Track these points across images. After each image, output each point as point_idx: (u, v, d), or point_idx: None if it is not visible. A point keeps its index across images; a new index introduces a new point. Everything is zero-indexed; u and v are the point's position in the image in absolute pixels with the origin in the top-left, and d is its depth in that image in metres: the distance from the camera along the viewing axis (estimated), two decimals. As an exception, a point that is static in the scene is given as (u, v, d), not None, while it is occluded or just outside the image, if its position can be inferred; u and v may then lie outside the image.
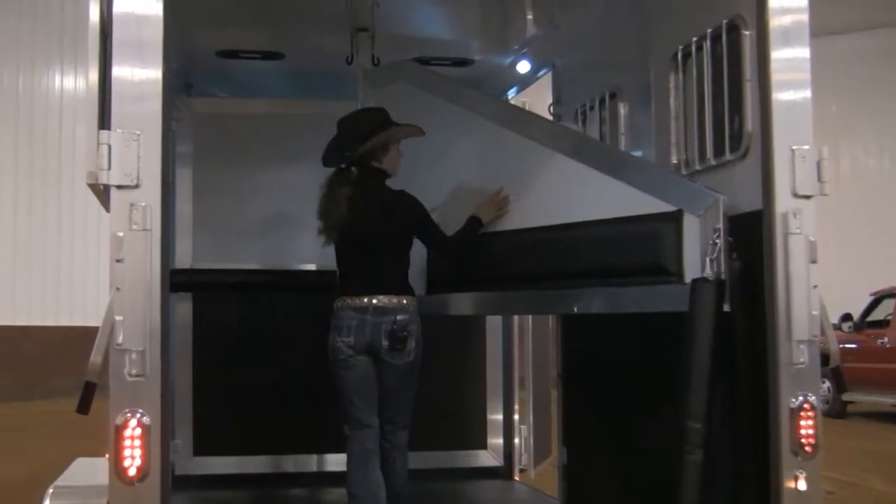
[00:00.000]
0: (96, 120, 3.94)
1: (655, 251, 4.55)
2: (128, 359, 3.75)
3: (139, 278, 3.77)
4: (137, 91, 3.87)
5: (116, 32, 3.89)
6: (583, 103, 6.51)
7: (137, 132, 3.83)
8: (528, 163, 5.46)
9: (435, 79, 6.42)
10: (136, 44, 3.89)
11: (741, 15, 4.51)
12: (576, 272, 5.05)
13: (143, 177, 3.82)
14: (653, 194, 4.63)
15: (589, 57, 6.57)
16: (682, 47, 5.05)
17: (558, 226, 5.15)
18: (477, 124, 5.86)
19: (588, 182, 5.01)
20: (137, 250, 3.78)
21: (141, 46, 3.89)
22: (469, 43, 7.28)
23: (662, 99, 5.27)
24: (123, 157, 3.81)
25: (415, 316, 5.52)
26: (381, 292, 5.51)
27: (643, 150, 5.74)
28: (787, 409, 4.06)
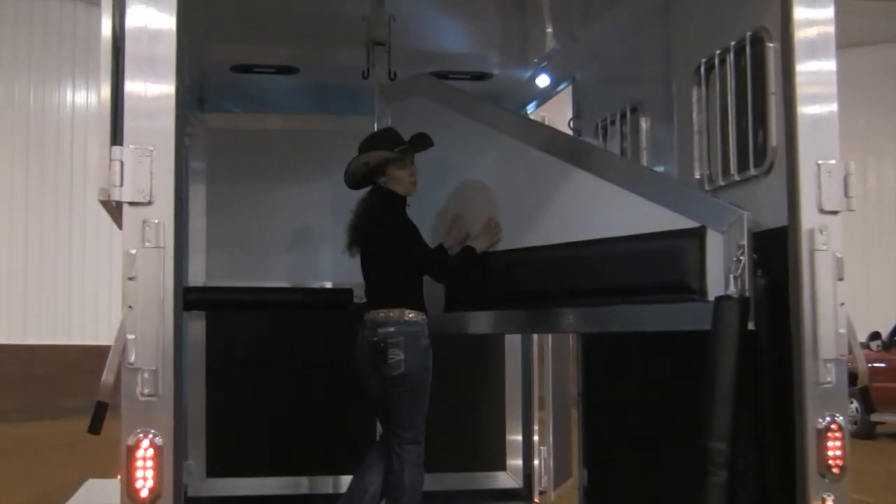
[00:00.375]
0: (108, 135, 3.95)
1: (678, 268, 4.54)
2: (140, 378, 3.75)
3: (152, 296, 3.78)
4: (150, 106, 3.89)
5: (129, 47, 3.91)
6: (603, 118, 6.52)
7: (150, 148, 3.85)
8: (548, 179, 5.45)
9: (452, 93, 6.42)
10: (149, 58, 3.91)
11: (765, 27, 4.50)
12: (597, 290, 5.04)
13: (156, 193, 3.83)
14: (675, 210, 4.62)
15: (610, 70, 6.57)
16: (705, 60, 5.05)
17: (579, 243, 5.14)
18: (495, 139, 5.85)
19: (609, 198, 5.00)
20: (150, 268, 3.79)
21: (154, 61, 3.91)
22: (487, 57, 7.29)
23: (685, 113, 5.27)
24: (136, 173, 3.82)
25: (403, 327, 5.65)
26: (374, 307, 5.76)
27: (665, 165, 5.74)
28: (814, 429, 4.05)
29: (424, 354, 5.68)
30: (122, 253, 3.81)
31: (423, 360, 5.66)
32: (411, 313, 5.69)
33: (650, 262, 4.70)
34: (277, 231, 7.80)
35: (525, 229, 5.58)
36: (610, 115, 6.40)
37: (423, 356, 5.67)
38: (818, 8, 4.23)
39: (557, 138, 5.73)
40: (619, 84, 6.40)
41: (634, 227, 4.81)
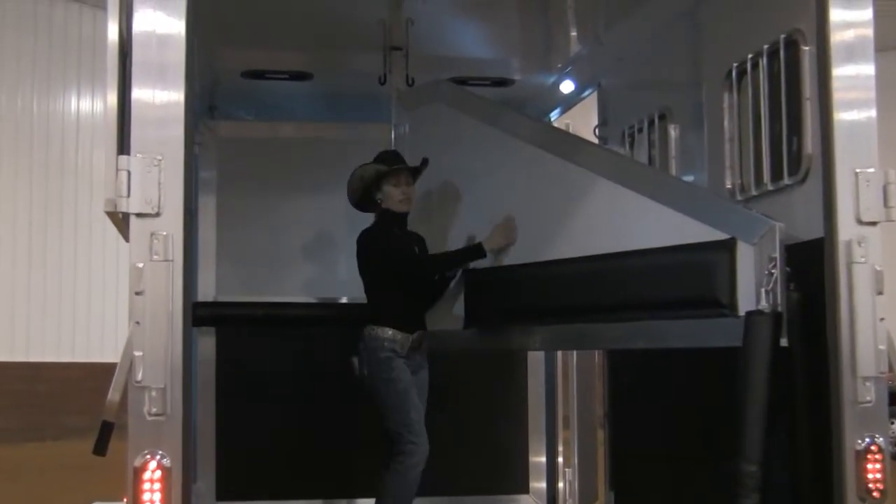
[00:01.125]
0: (115, 144, 3.98)
1: (707, 282, 4.53)
2: (147, 397, 3.77)
3: (160, 311, 3.80)
4: (159, 114, 3.91)
5: (137, 52, 3.94)
6: (630, 125, 6.52)
7: (158, 157, 3.87)
8: (573, 189, 5.45)
9: (473, 100, 6.44)
10: (158, 64, 3.94)
11: (800, 29, 4.51)
12: (623, 304, 5.03)
13: (165, 204, 3.86)
14: (705, 222, 4.61)
15: (637, 76, 6.58)
16: (736, 64, 5.05)
17: (605, 255, 5.13)
18: (518, 148, 5.86)
19: (636, 209, 5.00)
20: (158, 282, 3.81)
21: (162, 67, 3.94)
22: (509, 62, 7.31)
23: (716, 120, 5.27)
24: (144, 183, 3.85)
25: (366, 343, 6.08)
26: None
27: (695, 174, 5.75)
28: (853, 451, 4.03)
29: (385, 365, 6.01)
30: (129, 266, 3.83)
31: (384, 370, 6.00)
32: (376, 329, 6.06)
33: (679, 276, 4.69)
34: (290, 244, 7.81)
35: (549, 241, 5.57)
36: (637, 122, 6.41)
37: (379, 367, 6.01)
38: (855, 9, 4.21)
39: (582, 147, 5.74)
40: (647, 90, 6.40)
41: (662, 238, 4.80)
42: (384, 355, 6.02)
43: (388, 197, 6.15)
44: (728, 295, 4.43)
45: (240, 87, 7.48)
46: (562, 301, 5.45)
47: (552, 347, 7.34)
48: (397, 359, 6.02)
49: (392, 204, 6.14)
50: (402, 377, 6.00)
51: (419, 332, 6.11)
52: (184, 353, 3.83)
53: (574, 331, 5.44)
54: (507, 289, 5.79)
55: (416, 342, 6.08)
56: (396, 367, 6.01)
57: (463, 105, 6.36)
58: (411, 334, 6.07)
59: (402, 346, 6.04)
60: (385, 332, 6.04)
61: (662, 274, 4.77)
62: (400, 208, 6.15)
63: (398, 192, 6.13)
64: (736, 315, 4.37)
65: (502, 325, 5.92)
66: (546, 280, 5.54)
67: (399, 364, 6.02)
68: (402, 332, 6.06)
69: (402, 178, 6.12)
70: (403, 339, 6.05)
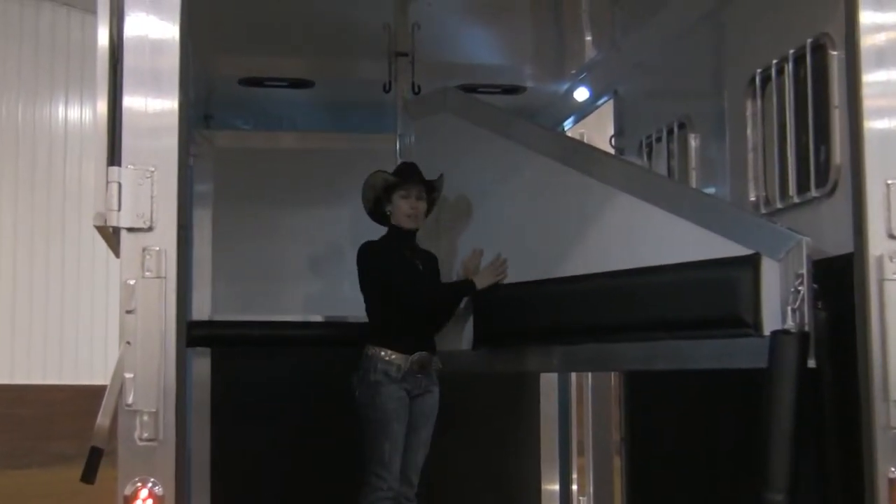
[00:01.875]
0: (105, 155, 3.97)
1: (731, 300, 4.52)
2: (139, 421, 3.77)
3: (152, 331, 3.80)
4: (151, 123, 3.91)
5: (128, 58, 3.93)
6: (648, 134, 6.53)
7: (151, 169, 3.87)
8: (587, 202, 5.47)
9: (482, 109, 6.44)
10: (151, 71, 3.94)
11: (828, 33, 4.50)
12: (641, 324, 5.03)
13: (157, 218, 3.85)
14: (727, 236, 4.61)
15: (655, 82, 6.59)
16: (760, 70, 5.05)
17: (622, 272, 5.14)
18: (530, 159, 5.87)
19: (655, 223, 5.00)
20: (150, 300, 3.81)
21: (156, 74, 3.94)
22: (520, 68, 7.31)
23: (738, 129, 5.27)
24: (135, 196, 3.84)
25: (361, 362, 6.07)
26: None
27: (717, 186, 5.75)
28: (885, 479, 4.00)
29: (371, 390, 5.99)
30: (120, 284, 3.82)
31: (369, 395, 6.00)
32: (372, 349, 6.05)
33: (700, 294, 4.69)
34: (290, 260, 7.81)
35: (563, 257, 5.58)
36: (655, 131, 6.41)
37: (370, 391, 6.00)
38: (887, 11, 4.17)
39: (598, 158, 5.74)
40: (666, 97, 6.41)
41: (683, 254, 4.81)
42: (374, 378, 5.99)
43: (396, 210, 6.12)
44: (752, 314, 4.42)
45: (237, 94, 7.49)
46: (577, 320, 5.45)
47: (566, 369, 7.34)
48: (388, 384, 5.98)
49: (400, 218, 6.11)
50: (387, 405, 5.97)
51: (421, 354, 6.03)
52: (177, 375, 3.82)
53: (589, 352, 5.44)
54: (519, 307, 5.79)
55: (416, 364, 6.02)
56: (383, 393, 5.98)
57: (472, 114, 6.37)
58: (410, 355, 6.01)
59: (399, 368, 5.98)
60: (380, 352, 6.01)
61: (683, 291, 4.77)
62: (407, 224, 6.11)
63: (406, 205, 6.09)
64: (760, 335, 4.36)
65: (513, 346, 5.94)
66: (560, 298, 5.55)
67: (388, 391, 5.98)
68: (400, 353, 6.00)
69: (414, 191, 6.09)
70: (401, 360, 5.99)
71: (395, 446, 5.95)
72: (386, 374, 5.98)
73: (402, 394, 5.99)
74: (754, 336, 4.39)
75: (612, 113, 7.16)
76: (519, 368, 6.30)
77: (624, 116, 7.02)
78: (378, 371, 5.98)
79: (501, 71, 7.26)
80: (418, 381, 6.05)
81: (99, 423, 3.81)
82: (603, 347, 5.33)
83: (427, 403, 6.13)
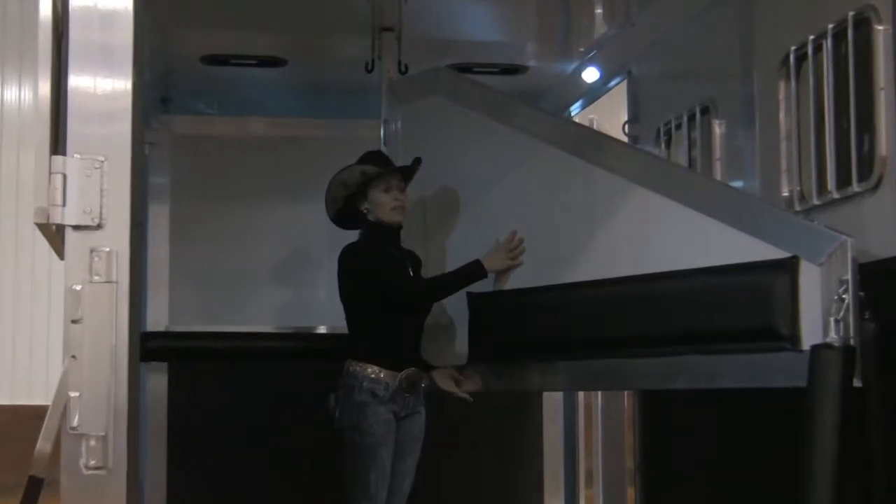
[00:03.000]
0: (48, 143, 3.94)
1: (763, 309, 4.48)
2: (85, 447, 3.73)
3: (101, 344, 3.76)
4: (101, 107, 3.87)
5: (75, 33, 3.90)
6: (667, 121, 6.53)
7: (101, 158, 3.83)
8: (598, 198, 5.44)
9: (479, 91, 6.41)
10: (101, 47, 3.90)
11: (872, 5, 4.48)
12: (660, 336, 4.99)
13: (108, 215, 3.82)
14: (759, 236, 4.56)
15: (675, 62, 6.58)
16: (795, 48, 5.04)
17: (637, 277, 5.10)
18: (532, 149, 5.84)
19: (675, 221, 4.97)
20: (99, 308, 3.77)
21: (106, 50, 3.90)
22: (521, 45, 7.31)
23: (770, 114, 5.26)
24: (82, 189, 3.81)
25: (344, 380, 6.00)
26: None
27: (745, 180, 5.75)
28: (938, 512, 4.00)
29: (356, 412, 5.92)
30: (65, 290, 3.80)
31: (353, 418, 5.93)
32: (356, 365, 5.98)
33: (728, 302, 4.65)
34: (259, 263, 7.81)
35: (571, 260, 5.55)
36: (675, 117, 6.42)
37: (354, 413, 5.93)
38: (940, -21, 4.20)
39: (610, 147, 5.70)
40: (687, 79, 6.41)
41: (708, 257, 4.76)
42: (360, 399, 5.93)
43: (377, 206, 6.06)
44: (789, 325, 4.38)
45: (199, 74, 7.49)
46: (585, 332, 5.42)
47: (574, 388, 7.35)
48: (376, 405, 5.93)
49: (383, 214, 6.06)
50: (375, 430, 5.92)
51: (410, 371, 5.99)
52: (129, 394, 3.79)
53: (600, 368, 5.41)
54: (519, 317, 5.77)
55: (405, 382, 5.97)
56: (371, 415, 5.93)
57: (466, 97, 6.33)
58: (399, 372, 5.97)
59: (387, 387, 5.94)
60: (366, 369, 5.95)
61: (708, 300, 4.73)
62: (392, 218, 6.07)
63: (389, 198, 6.04)
64: (799, 349, 4.31)
65: (513, 361, 5.90)
66: (567, 306, 5.52)
67: (376, 412, 5.94)
68: (388, 369, 5.96)
69: (394, 182, 6.05)
70: (389, 378, 5.95)
71: (383, 476, 5.91)
72: (373, 394, 5.93)
73: (389, 416, 5.95)
74: (791, 350, 4.34)
75: (626, 96, 7.17)
76: (519, 386, 6.26)
77: (639, 100, 7.03)
78: (364, 390, 5.93)
79: (500, 48, 7.25)
80: (406, 402, 6.02)
81: (39, 449, 3.77)
82: (615, 363, 5.29)
83: (415, 426, 6.10)
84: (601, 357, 5.36)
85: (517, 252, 5.83)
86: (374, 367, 5.94)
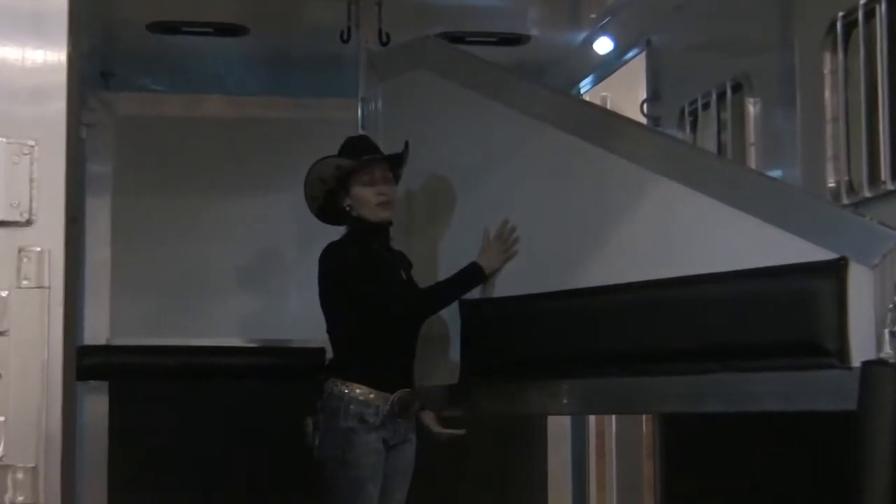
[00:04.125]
0: (-33, 125, 3.93)
1: (806, 320, 4.47)
2: (12, 479, 3.71)
3: (31, 359, 3.75)
4: (31, 82, 3.86)
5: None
6: (692, 100, 6.55)
7: (30, 143, 3.82)
8: (611, 189, 5.44)
9: (472, 65, 6.40)
10: (30, 13, 3.89)
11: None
12: (684, 351, 4.99)
13: (39, 209, 3.80)
14: (800, 234, 4.55)
15: (702, 30, 6.59)
16: (843, 14, 5.04)
17: (657, 282, 5.10)
18: (535, 132, 5.84)
19: (702, 218, 4.97)
20: (29, 318, 3.76)
21: (37, 16, 3.89)
22: (522, 12, 7.32)
23: (813, 92, 5.27)
24: (9, 179, 3.79)
25: (325, 402, 5.96)
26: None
27: (784, 168, 5.76)
28: None
29: (341, 440, 5.87)
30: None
31: (338, 447, 5.87)
32: (340, 385, 5.94)
33: (764, 311, 4.64)
34: (217, 265, 7.82)
35: (579, 263, 5.55)
36: (702, 95, 6.44)
37: (335, 440, 5.88)
38: None
39: (626, 130, 5.69)
40: (716, 50, 6.42)
41: (740, 259, 4.75)
42: (346, 425, 5.89)
43: (359, 202, 6.02)
44: (835, 338, 4.37)
45: (146, 45, 7.49)
46: (597, 345, 5.43)
47: (583, 411, 7.35)
48: (365, 432, 5.89)
49: (366, 210, 6.02)
50: (364, 461, 5.89)
51: (404, 392, 5.95)
52: (63, 418, 3.77)
53: (614, 388, 5.40)
54: (520, 327, 5.77)
55: (397, 406, 5.94)
56: (359, 444, 5.89)
57: (458, 72, 6.32)
58: (391, 394, 5.93)
59: (378, 411, 5.90)
60: (354, 390, 5.91)
61: (741, 308, 4.73)
62: (378, 215, 6.03)
63: (372, 193, 6.00)
64: (847, 366, 4.31)
65: (512, 379, 5.89)
66: (576, 316, 5.52)
67: (365, 441, 5.89)
68: (379, 390, 5.92)
69: (377, 172, 6.01)
70: (380, 400, 5.91)
71: None
72: (361, 420, 5.88)
73: (379, 445, 5.92)
74: (839, 368, 4.33)
75: (645, 71, 7.17)
76: (520, 409, 6.25)
77: (660, 76, 7.06)
78: (351, 415, 5.88)
79: (498, 14, 7.26)
80: (397, 428, 5.99)
81: (-42, 482, 3.76)
82: (632, 382, 5.28)
83: (405, 457, 6.08)
84: (615, 375, 5.35)
85: (511, 243, 5.85)
86: (363, 388, 5.91)
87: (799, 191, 5.29)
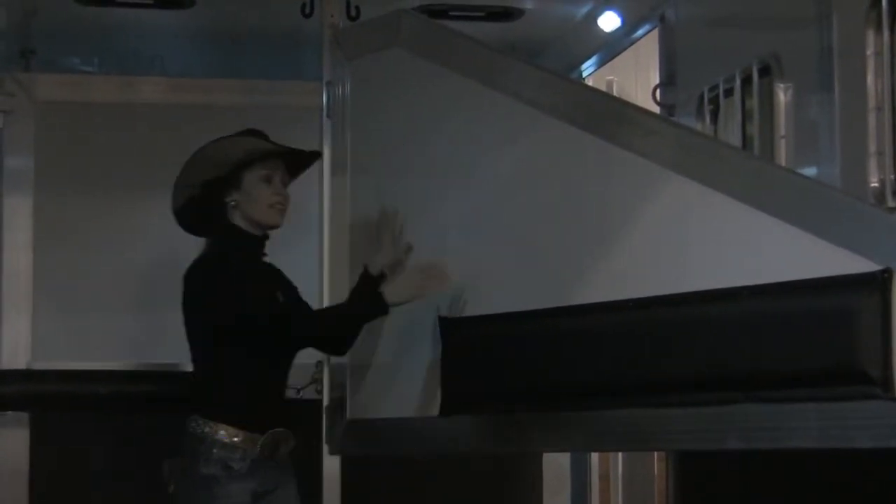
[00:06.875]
0: None
1: (844, 342, 4.48)
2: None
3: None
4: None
5: None
6: (713, 85, 6.58)
7: (-61, 132, 3.84)
8: (618, 189, 5.46)
9: (455, 43, 6.42)
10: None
11: None
12: (703, 379, 5.01)
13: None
14: (838, 242, 4.57)
15: (724, 4, 6.61)
16: (889, -14, 5.07)
17: (673, 299, 5.11)
18: (529, 121, 5.85)
19: (724, 223, 4.98)
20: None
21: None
22: (514, -19, 7.34)
23: (853, 76, 5.29)
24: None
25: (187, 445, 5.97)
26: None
27: (819, 165, 5.78)
28: None
29: (200, 489, 5.90)
30: None
31: (195, 498, 5.90)
32: (201, 425, 5.95)
33: (797, 332, 4.65)
34: (157, 275, 7.78)
35: (581, 276, 5.57)
36: (724, 79, 6.45)
37: (194, 488, 5.91)
38: None
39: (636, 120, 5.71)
40: (741, 27, 6.43)
41: (768, 270, 4.77)
42: (207, 471, 5.87)
43: (251, 199, 6.01)
44: (879, 364, 4.37)
45: (73, 18, 7.50)
46: (602, 372, 5.44)
47: (585, 448, 7.33)
48: (228, 482, 5.88)
49: (257, 211, 6.02)
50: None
51: (275, 432, 5.99)
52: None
53: (622, 421, 5.41)
54: (513, 351, 5.77)
55: (269, 448, 5.96)
56: (221, 496, 5.88)
57: (440, 51, 6.34)
58: (262, 434, 5.95)
59: (245, 454, 5.89)
60: (218, 431, 5.90)
61: (770, 329, 4.73)
62: (270, 219, 6.05)
63: (269, 192, 6.02)
64: (892, 397, 4.33)
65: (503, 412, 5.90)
66: (577, 337, 5.53)
67: (227, 492, 5.88)
68: (247, 430, 5.92)
69: (279, 173, 6.06)
70: (247, 444, 5.91)
71: None
72: (225, 466, 5.87)
73: (246, 498, 5.91)
74: (883, 398, 4.34)
75: (658, 51, 7.18)
76: (512, 446, 6.27)
77: (675, 57, 7.08)
78: (213, 461, 5.87)
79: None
80: (266, 473, 5.99)
81: None
82: (642, 415, 5.29)
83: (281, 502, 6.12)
84: (623, 406, 5.36)
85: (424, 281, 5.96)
86: (229, 428, 5.90)
87: (837, 192, 5.29)
